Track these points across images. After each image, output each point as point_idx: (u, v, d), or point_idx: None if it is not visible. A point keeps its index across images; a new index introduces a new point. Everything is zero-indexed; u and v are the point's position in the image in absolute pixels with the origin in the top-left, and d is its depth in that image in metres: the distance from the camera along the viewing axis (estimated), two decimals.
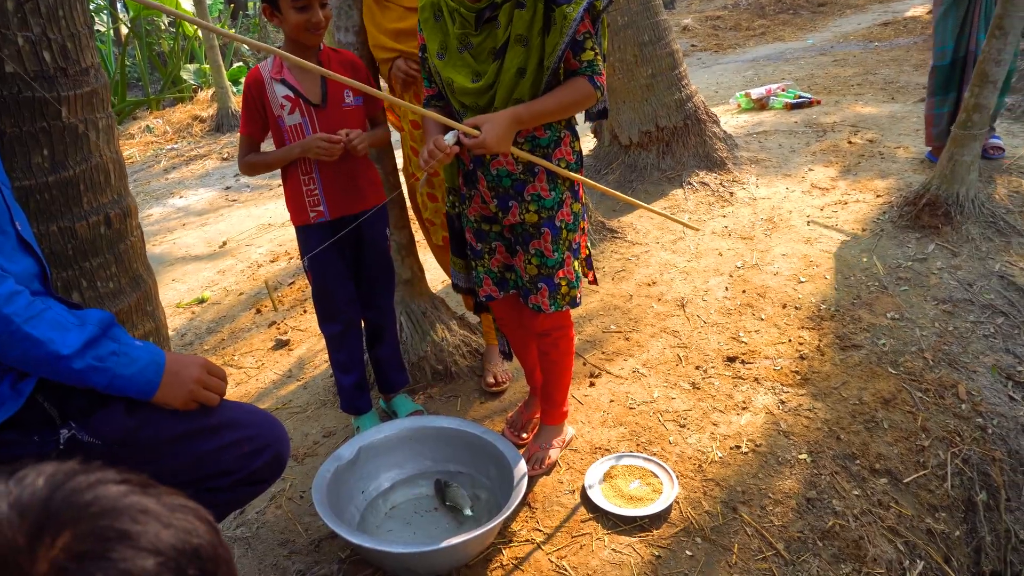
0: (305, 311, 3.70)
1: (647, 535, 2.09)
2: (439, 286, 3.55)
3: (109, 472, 0.55)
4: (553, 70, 1.87)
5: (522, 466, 2.11)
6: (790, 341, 2.89)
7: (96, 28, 10.76)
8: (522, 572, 2.00)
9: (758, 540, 2.08)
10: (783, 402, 2.58)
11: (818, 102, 5.78)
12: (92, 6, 11.03)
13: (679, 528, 2.11)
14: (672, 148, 4.39)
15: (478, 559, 2.03)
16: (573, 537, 2.10)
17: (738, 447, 2.39)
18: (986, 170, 3.90)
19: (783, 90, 5.96)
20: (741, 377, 2.72)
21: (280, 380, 3.14)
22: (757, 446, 2.39)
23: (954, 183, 3.53)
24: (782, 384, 2.67)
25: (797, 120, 5.33)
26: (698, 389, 2.68)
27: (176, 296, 4.31)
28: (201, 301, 4.20)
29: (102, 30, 11.30)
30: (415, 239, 2.90)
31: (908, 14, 9.57)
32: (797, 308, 3.08)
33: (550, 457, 2.34)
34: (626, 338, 3.02)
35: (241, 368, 3.31)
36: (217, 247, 5.07)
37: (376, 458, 2.28)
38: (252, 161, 2.25)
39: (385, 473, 2.31)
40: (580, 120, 2.12)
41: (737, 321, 3.05)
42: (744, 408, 2.57)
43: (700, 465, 2.33)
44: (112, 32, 11.65)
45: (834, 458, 2.37)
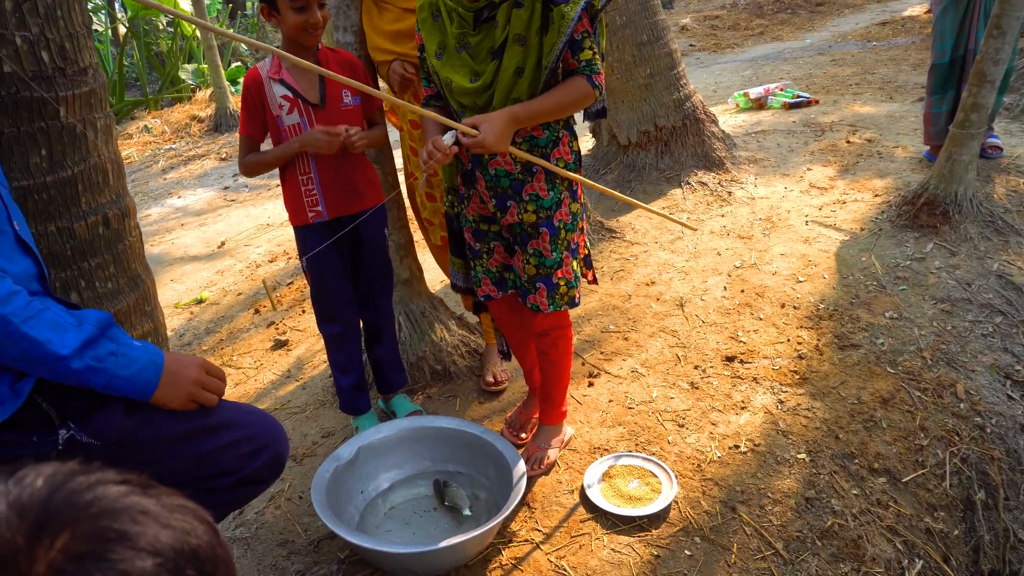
0: (304, 311, 3.70)
1: (646, 535, 2.09)
2: (438, 286, 3.55)
3: (109, 472, 0.55)
4: (551, 69, 1.87)
5: (521, 466, 2.11)
6: (789, 341, 2.89)
7: (94, 28, 10.74)
8: (521, 572, 2.00)
9: (757, 539, 2.09)
10: (782, 402, 2.59)
11: (816, 102, 5.78)
12: (90, 6, 11.02)
13: (678, 528, 2.11)
14: (671, 148, 4.40)
15: (477, 559, 2.03)
16: (572, 537, 2.10)
17: (737, 447, 2.39)
18: (984, 169, 3.90)
19: (781, 90, 5.96)
20: (740, 377, 2.72)
21: (279, 380, 3.14)
22: (756, 446, 2.39)
23: (952, 182, 3.53)
24: (781, 384, 2.67)
25: (795, 120, 5.33)
26: (697, 389, 2.68)
27: (174, 296, 4.30)
28: (199, 301, 4.19)
29: (100, 30, 11.30)
30: (414, 239, 2.90)
31: (906, 13, 9.59)
32: (796, 308, 3.09)
33: (549, 457, 2.34)
34: (625, 338, 3.02)
35: (240, 368, 3.30)
36: (215, 247, 5.07)
37: (375, 458, 2.28)
38: (252, 161, 2.25)
39: (384, 473, 2.31)
40: (579, 119, 2.13)
41: (736, 321, 3.05)
42: (743, 408, 2.57)
43: (699, 465, 2.33)
44: (110, 32, 11.65)
45: (833, 457, 2.37)
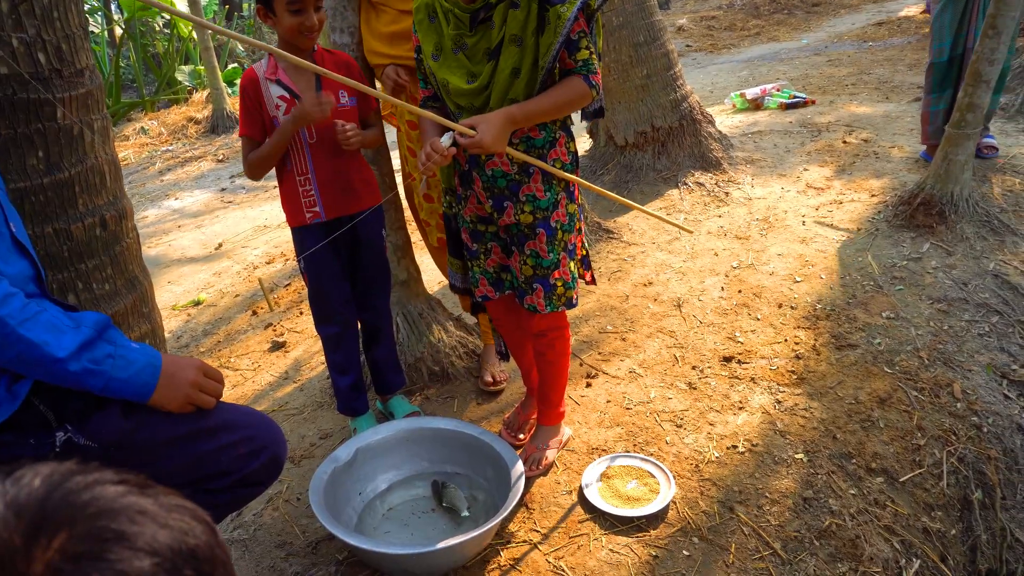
0: (301, 313, 3.69)
1: (644, 535, 2.09)
2: (436, 287, 3.55)
3: (106, 472, 0.55)
4: (548, 70, 1.87)
5: (519, 467, 2.11)
6: (786, 341, 2.90)
7: (90, 29, 10.72)
8: (519, 573, 2.00)
9: (755, 540, 2.09)
10: (779, 402, 2.59)
11: (813, 102, 5.79)
12: (86, 7, 11.01)
13: (676, 528, 2.12)
14: (668, 148, 4.40)
15: (476, 560, 2.03)
16: (570, 538, 2.10)
17: (735, 447, 2.39)
18: (980, 169, 3.91)
19: (778, 90, 5.97)
20: (737, 377, 2.72)
21: (276, 382, 3.13)
22: (754, 446, 2.39)
23: (948, 182, 3.54)
24: (778, 384, 2.68)
25: (792, 120, 5.34)
26: (694, 389, 2.68)
27: (172, 298, 4.30)
28: (197, 303, 4.19)
29: (96, 31, 11.29)
30: (411, 240, 2.90)
31: (902, 14, 9.61)
32: (793, 308, 3.09)
33: (547, 458, 2.34)
34: (622, 338, 3.02)
35: (237, 370, 3.30)
36: (213, 249, 5.06)
37: (373, 459, 2.28)
38: (254, 159, 2.22)
39: (382, 474, 2.31)
40: (576, 120, 2.13)
41: (733, 321, 3.05)
42: (740, 408, 2.57)
43: (697, 465, 2.33)
44: (106, 33, 11.64)
45: (830, 457, 2.37)
